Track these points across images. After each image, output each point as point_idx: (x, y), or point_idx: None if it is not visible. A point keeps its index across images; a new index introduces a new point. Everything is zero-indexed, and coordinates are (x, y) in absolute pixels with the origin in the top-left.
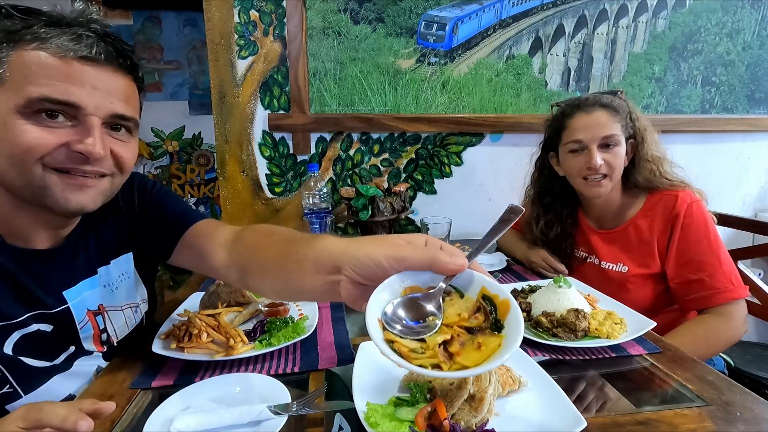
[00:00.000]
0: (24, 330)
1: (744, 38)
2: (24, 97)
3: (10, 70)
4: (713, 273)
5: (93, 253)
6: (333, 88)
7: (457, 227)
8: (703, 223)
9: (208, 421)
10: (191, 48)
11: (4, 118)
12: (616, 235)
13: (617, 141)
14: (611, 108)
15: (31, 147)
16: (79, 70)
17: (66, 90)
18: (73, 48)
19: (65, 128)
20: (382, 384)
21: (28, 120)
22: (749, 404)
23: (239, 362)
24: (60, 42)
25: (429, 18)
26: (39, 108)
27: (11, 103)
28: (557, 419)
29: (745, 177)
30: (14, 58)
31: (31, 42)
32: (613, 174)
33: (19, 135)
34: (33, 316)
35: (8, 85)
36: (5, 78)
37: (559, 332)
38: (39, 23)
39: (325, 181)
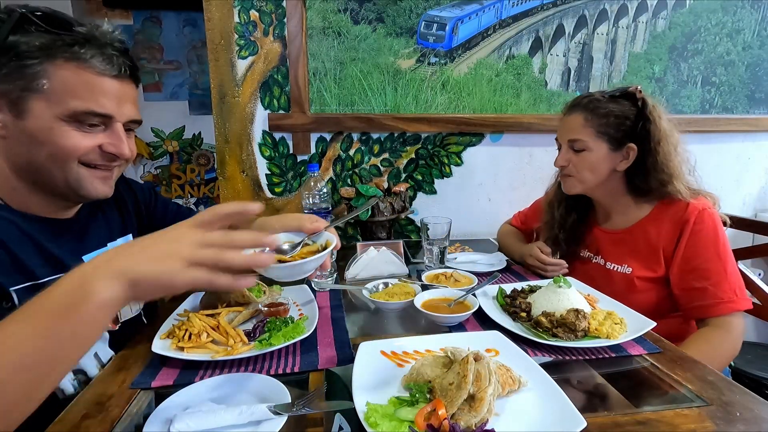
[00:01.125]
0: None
1: (744, 38)
2: (70, 109)
3: (50, 82)
4: (718, 282)
5: (102, 228)
6: (333, 88)
7: (457, 227)
8: (713, 231)
9: (208, 421)
10: (191, 48)
11: (49, 124)
12: (623, 236)
13: (584, 146)
14: (589, 111)
15: (73, 149)
16: (110, 86)
17: (103, 104)
18: (107, 68)
19: (97, 132)
20: (382, 384)
21: (70, 125)
22: (749, 404)
23: (239, 362)
24: (96, 62)
25: (429, 18)
26: (80, 118)
27: (55, 111)
28: (557, 419)
29: (745, 177)
30: (54, 72)
31: (71, 60)
32: (580, 175)
33: (63, 139)
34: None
35: (50, 95)
36: (45, 88)
37: (559, 332)
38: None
39: (325, 181)
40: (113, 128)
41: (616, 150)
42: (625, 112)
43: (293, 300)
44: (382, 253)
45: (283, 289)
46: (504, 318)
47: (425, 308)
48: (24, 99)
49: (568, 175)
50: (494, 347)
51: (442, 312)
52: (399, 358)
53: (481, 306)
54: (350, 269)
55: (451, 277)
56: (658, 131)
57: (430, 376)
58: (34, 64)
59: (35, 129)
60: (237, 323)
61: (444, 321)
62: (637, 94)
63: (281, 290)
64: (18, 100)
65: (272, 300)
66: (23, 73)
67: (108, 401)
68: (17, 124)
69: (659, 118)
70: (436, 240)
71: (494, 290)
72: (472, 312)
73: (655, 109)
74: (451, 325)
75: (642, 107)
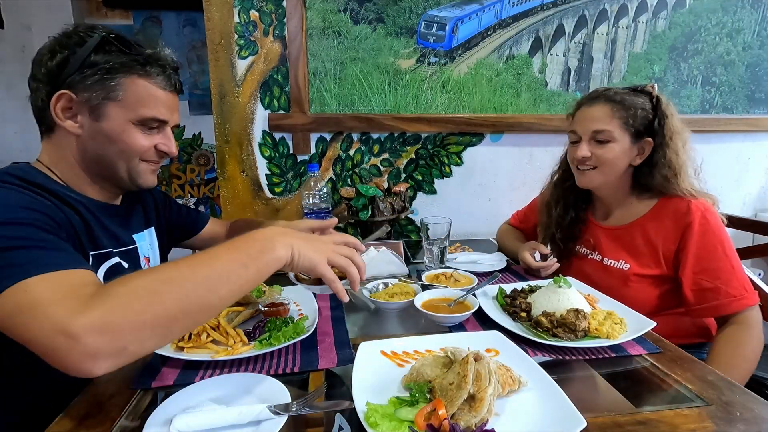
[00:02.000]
0: (109, 262)
1: (744, 38)
2: (140, 114)
3: (125, 92)
4: (729, 280)
5: (140, 215)
6: (333, 88)
7: (457, 227)
8: (718, 231)
9: (208, 421)
10: (191, 48)
11: (122, 127)
12: (621, 233)
13: (610, 137)
14: (616, 103)
15: (139, 147)
16: (167, 97)
17: (163, 112)
18: (168, 84)
19: (154, 134)
20: (382, 384)
21: (137, 128)
22: (749, 404)
23: (239, 362)
24: (161, 79)
25: (429, 18)
26: (145, 122)
27: (128, 116)
28: (557, 419)
29: (745, 177)
30: (127, 84)
31: (143, 76)
32: (603, 168)
33: (132, 139)
34: (115, 250)
35: (123, 103)
36: (121, 97)
37: (559, 332)
38: (143, 59)
39: (325, 181)
40: (165, 131)
41: (635, 143)
42: (646, 106)
43: (293, 300)
44: (382, 253)
45: (283, 289)
46: (504, 318)
47: (425, 308)
48: (103, 106)
49: (588, 168)
50: (494, 347)
51: (442, 312)
52: (399, 358)
53: (481, 306)
54: None
55: (451, 277)
56: (672, 127)
57: (430, 376)
58: (114, 78)
59: (110, 130)
60: (237, 323)
61: (444, 321)
62: (652, 91)
63: (281, 290)
64: (97, 106)
65: (272, 300)
66: (105, 85)
67: (108, 401)
68: (93, 126)
69: (672, 115)
70: (436, 240)
71: (494, 290)
72: (472, 312)
73: (668, 106)
74: (451, 325)
75: (657, 103)
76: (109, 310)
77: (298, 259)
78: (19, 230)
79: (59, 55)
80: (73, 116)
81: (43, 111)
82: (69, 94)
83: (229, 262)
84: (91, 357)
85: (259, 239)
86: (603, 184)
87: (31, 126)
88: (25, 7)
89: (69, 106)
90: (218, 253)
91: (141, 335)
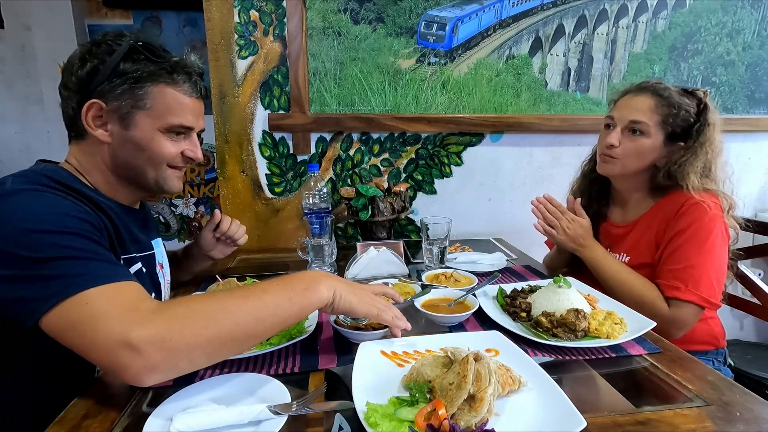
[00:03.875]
0: (134, 267)
1: (744, 38)
2: (168, 122)
3: (153, 101)
4: (680, 270)
5: (153, 222)
6: (333, 88)
7: (457, 227)
8: (706, 226)
9: (208, 421)
10: (191, 48)
11: (151, 135)
12: (629, 228)
13: (644, 130)
14: (662, 98)
15: (167, 155)
16: (194, 104)
17: (189, 119)
18: (194, 90)
19: (180, 140)
20: (382, 384)
21: (165, 136)
22: (749, 404)
23: (239, 362)
24: (186, 86)
25: (429, 18)
26: (172, 129)
27: (156, 124)
28: (557, 419)
29: (745, 177)
30: (155, 92)
31: (170, 84)
32: (625, 159)
33: (162, 147)
34: (138, 255)
35: (151, 111)
36: (149, 106)
37: (559, 332)
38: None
39: (325, 181)
40: (192, 137)
41: (667, 144)
42: (690, 109)
43: None
44: (382, 253)
45: None
46: (504, 318)
47: (425, 308)
48: (132, 114)
49: (612, 157)
50: (494, 347)
51: (442, 312)
52: (399, 358)
53: (481, 306)
54: (350, 269)
55: (451, 277)
56: (707, 136)
57: (430, 376)
58: (143, 87)
59: (139, 138)
60: None
61: (444, 321)
62: (703, 97)
63: None
64: (127, 115)
65: None
66: (133, 94)
67: (108, 401)
68: (123, 134)
69: (713, 125)
70: (436, 240)
71: (494, 290)
72: (472, 312)
73: (714, 115)
74: (451, 325)
75: (703, 109)
76: (169, 329)
77: (339, 301)
78: (71, 240)
79: (89, 63)
80: (104, 125)
81: (74, 119)
82: (99, 103)
83: (277, 296)
84: (149, 369)
85: (306, 279)
86: (622, 175)
87: (31, 126)
88: (25, 7)
89: (99, 115)
90: (268, 287)
91: (193, 355)
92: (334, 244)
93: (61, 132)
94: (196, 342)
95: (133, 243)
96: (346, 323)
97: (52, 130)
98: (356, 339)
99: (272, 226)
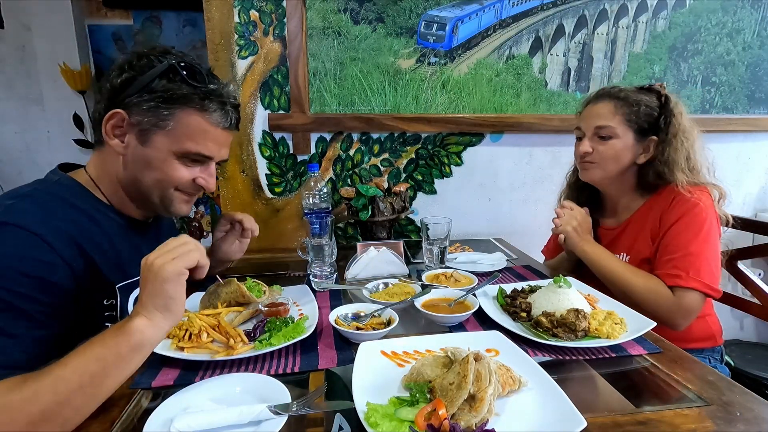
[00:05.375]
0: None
1: (744, 38)
2: (184, 148)
3: (175, 123)
4: (678, 258)
5: (166, 233)
6: (333, 88)
7: (457, 227)
8: (699, 219)
9: (208, 421)
10: (191, 48)
11: (165, 156)
12: (622, 229)
13: (612, 132)
14: (619, 99)
15: (177, 179)
16: (220, 135)
17: (210, 149)
18: (223, 121)
19: (195, 167)
20: (382, 384)
21: (178, 160)
22: (749, 404)
23: (239, 362)
24: (216, 116)
25: (429, 18)
26: (188, 156)
27: (172, 147)
28: (557, 419)
29: (745, 177)
30: (180, 116)
31: (199, 110)
32: (604, 163)
33: (172, 170)
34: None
35: (171, 133)
36: (170, 127)
37: (559, 332)
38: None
39: (325, 181)
40: (209, 166)
41: (639, 141)
42: (652, 104)
43: (293, 300)
44: (382, 253)
45: (284, 289)
46: (504, 318)
47: (425, 308)
48: (151, 132)
49: (590, 162)
50: (494, 347)
51: (442, 312)
52: (399, 358)
53: (481, 306)
54: (350, 269)
55: (451, 277)
56: (677, 125)
57: (430, 376)
58: (170, 108)
59: (152, 157)
60: (237, 323)
61: (444, 321)
62: (661, 90)
63: (281, 290)
64: (146, 131)
65: (272, 300)
66: (158, 113)
67: (108, 401)
68: (137, 149)
69: (680, 114)
70: (436, 240)
71: (494, 290)
72: (472, 312)
73: (677, 105)
74: (451, 325)
75: (665, 102)
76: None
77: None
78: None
79: (125, 74)
80: (122, 135)
81: (98, 124)
82: (122, 113)
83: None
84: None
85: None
86: (605, 179)
87: (31, 126)
88: (25, 7)
89: (120, 125)
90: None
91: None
92: (334, 244)
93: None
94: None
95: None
96: (347, 323)
97: (52, 130)
98: (356, 339)
99: (272, 226)
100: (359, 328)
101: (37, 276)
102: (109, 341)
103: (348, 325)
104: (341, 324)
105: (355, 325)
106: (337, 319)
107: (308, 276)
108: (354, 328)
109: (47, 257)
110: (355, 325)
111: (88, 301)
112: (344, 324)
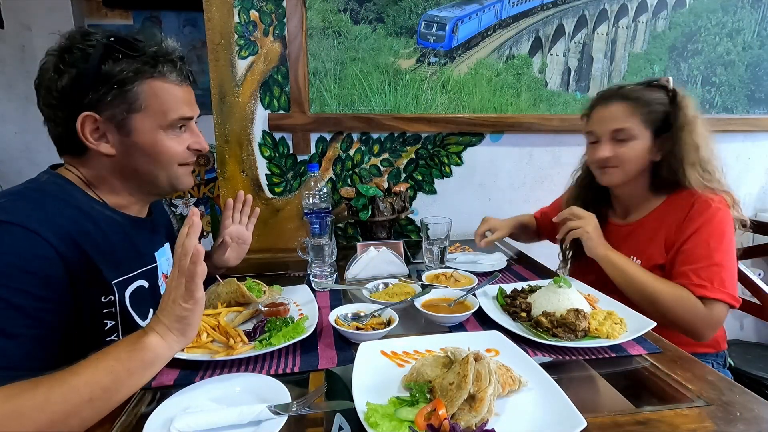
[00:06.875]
0: (134, 284)
1: (744, 38)
2: (167, 119)
3: (145, 100)
4: (700, 269)
5: (162, 229)
6: (333, 88)
7: (457, 227)
8: (717, 225)
9: (208, 421)
10: (191, 48)
11: (153, 136)
12: (634, 228)
13: (630, 135)
14: (632, 100)
15: (175, 155)
16: (186, 91)
17: (188, 109)
18: (180, 78)
19: (183, 135)
20: (382, 384)
21: (167, 134)
22: (749, 404)
23: (239, 362)
24: (174, 76)
25: (429, 18)
26: (174, 125)
27: (156, 123)
28: (557, 419)
29: (745, 177)
30: (145, 90)
31: (156, 78)
32: (625, 167)
33: (168, 148)
34: (139, 271)
35: (147, 111)
36: (143, 106)
37: (559, 332)
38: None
39: (325, 181)
40: (191, 128)
41: (657, 140)
42: (663, 101)
43: (293, 300)
44: (382, 253)
45: (284, 289)
46: (504, 318)
47: (425, 308)
48: (128, 119)
49: (610, 167)
50: (494, 347)
51: (442, 312)
52: (399, 358)
53: (481, 306)
54: (350, 269)
55: (451, 277)
56: (685, 118)
57: (430, 376)
58: (132, 87)
59: (142, 143)
60: (237, 323)
61: (444, 321)
62: (667, 84)
63: (281, 290)
64: (123, 121)
65: (272, 300)
66: (125, 97)
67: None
68: (125, 142)
69: (687, 107)
70: (436, 240)
71: (494, 290)
72: (472, 312)
73: (684, 98)
74: (451, 325)
75: (673, 97)
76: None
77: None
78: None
79: (66, 74)
80: (103, 137)
81: (66, 137)
82: (92, 115)
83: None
84: None
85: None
86: (624, 181)
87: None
88: (25, 7)
89: (96, 128)
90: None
91: None
92: (334, 244)
93: None
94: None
95: (135, 259)
96: (347, 323)
97: None
98: (356, 339)
99: (272, 226)
100: (359, 328)
101: (35, 272)
102: (123, 355)
103: (348, 325)
104: (341, 324)
105: (355, 325)
106: (337, 319)
107: (308, 276)
108: (354, 328)
109: (44, 252)
110: (355, 325)
111: (86, 297)
112: (344, 324)
